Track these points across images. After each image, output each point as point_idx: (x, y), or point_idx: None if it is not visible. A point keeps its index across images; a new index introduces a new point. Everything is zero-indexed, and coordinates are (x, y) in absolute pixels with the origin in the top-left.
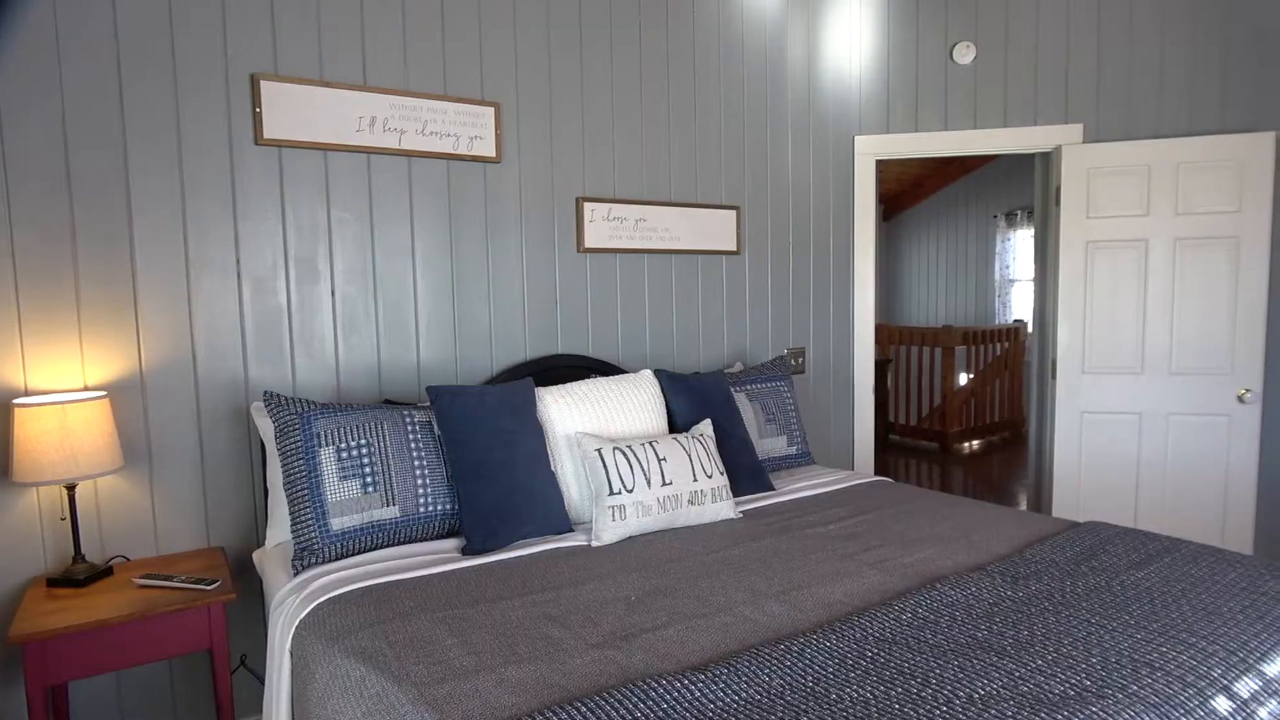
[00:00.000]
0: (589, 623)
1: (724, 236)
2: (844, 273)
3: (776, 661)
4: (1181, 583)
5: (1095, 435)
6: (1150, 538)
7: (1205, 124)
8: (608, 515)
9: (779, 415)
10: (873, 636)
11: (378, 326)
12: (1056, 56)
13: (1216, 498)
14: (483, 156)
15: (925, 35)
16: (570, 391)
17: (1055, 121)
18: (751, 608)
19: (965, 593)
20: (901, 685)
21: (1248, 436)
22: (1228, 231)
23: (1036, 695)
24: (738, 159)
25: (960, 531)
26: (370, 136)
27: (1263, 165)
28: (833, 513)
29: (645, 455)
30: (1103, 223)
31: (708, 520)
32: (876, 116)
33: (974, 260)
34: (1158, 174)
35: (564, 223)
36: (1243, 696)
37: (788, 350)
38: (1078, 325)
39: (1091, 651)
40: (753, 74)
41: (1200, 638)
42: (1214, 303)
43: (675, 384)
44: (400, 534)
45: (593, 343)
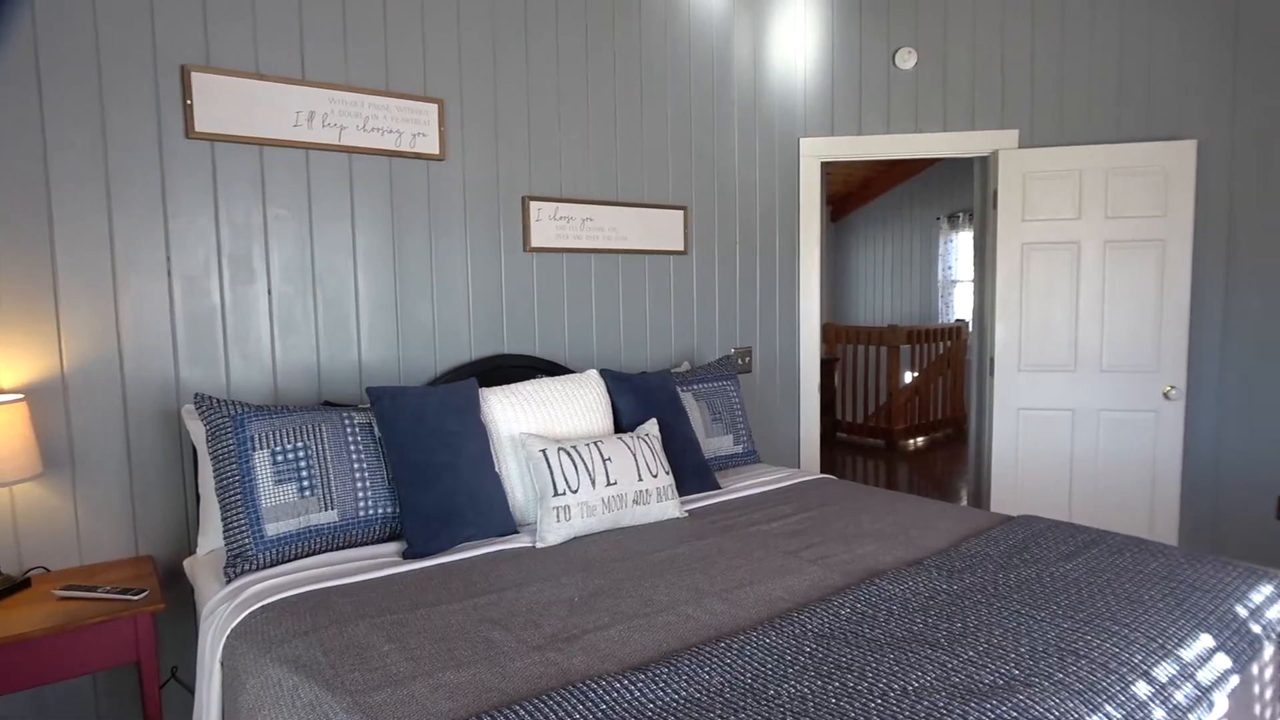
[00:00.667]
0: (531, 625)
1: (671, 236)
2: (790, 273)
3: (717, 659)
4: (1107, 573)
5: (1031, 431)
6: (1079, 530)
7: (1133, 131)
8: (552, 516)
9: (725, 414)
10: (812, 632)
11: (317, 326)
12: (993, 64)
13: (1144, 491)
14: (426, 154)
15: (868, 40)
16: (515, 392)
17: (992, 127)
18: (694, 606)
19: (902, 587)
20: (839, 679)
21: (1173, 432)
22: (1154, 235)
23: (967, 685)
24: (685, 159)
25: (900, 527)
26: (309, 132)
27: (1185, 172)
28: (777, 510)
29: (590, 455)
30: (1037, 225)
31: (653, 519)
32: (821, 119)
33: (918, 261)
34: (1089, 179)
35: (510, 222)
36: (1161, 681)
37: (735, 350)
38: (1014, 324)
39: (1021, 641)
40: (700, 75)
41: (1123, 625)
42: (1141, 303)
43: (621, 384)
44: (339, 538)
45: (539, 343)
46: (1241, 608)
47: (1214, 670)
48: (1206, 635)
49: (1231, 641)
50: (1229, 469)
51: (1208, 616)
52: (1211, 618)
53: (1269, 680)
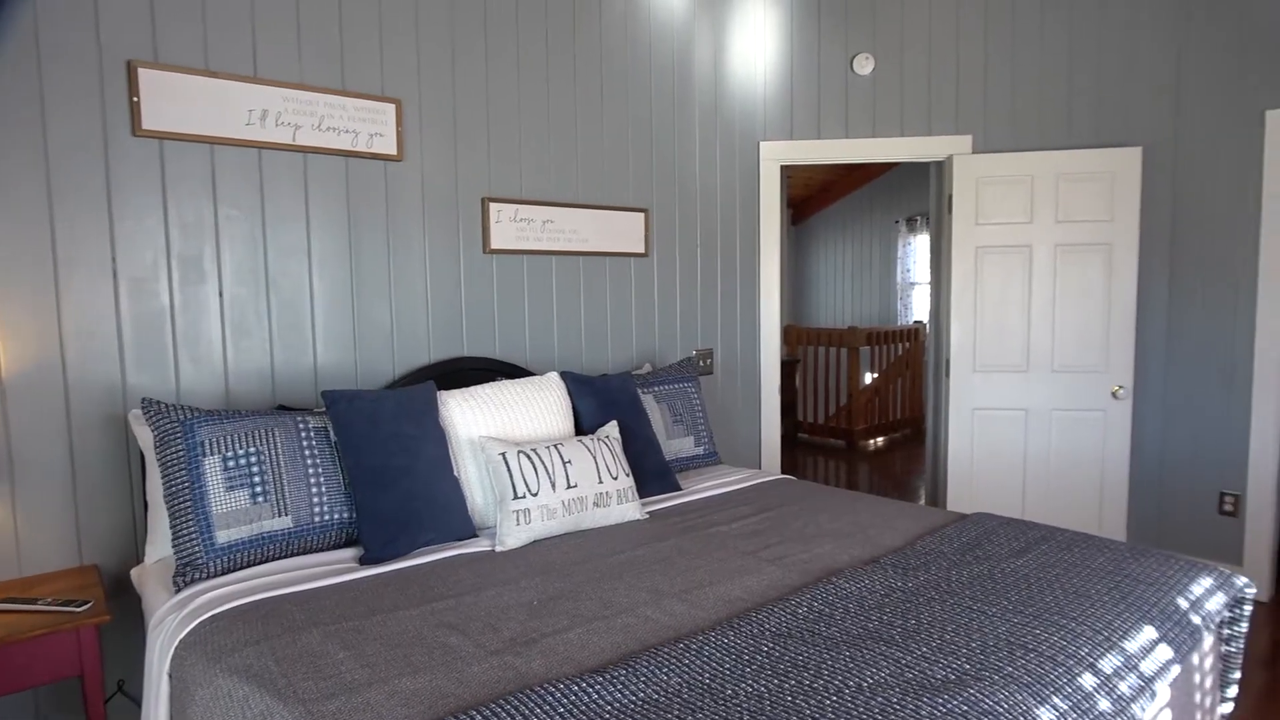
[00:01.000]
0: (489, 629)
1: (632, 238)
2: (750, 275)
3: (675, 660)
4: (1056, 568)
5: (986, 430)
6: (1030, 527)
7: (1082, 138)
8: (512, 519)
9: (686, 416)
10: (770, 631)
11: (270, 329)
12: (948, 71)
13: (1094, 487)
14: (383, 154)
15: (826, 46)
16: (474, 395)
17: (947, 132)
18: (653, 608)
19: (859, 585)
20: (795, 678)
21: (1121, 430)
22: (1102, 239)
23: (920, 681)
24: (646, 162)
25: (858, 526)
26: (261, 131)
27: (1131, 178)
28: (737, 511)
29: (550, 458)
30: (991, 229)
31: (614, 522)
32: (781, 123)
33: (878, 263)
34: (1040, 184)
35: (469, 223)
36: (1106, 672)
37: (696, 352)
38: (969, 326)
39: (972, 636)
40: (660, 78)
41: (1070, 619)
42: (1090, 305)
43: (582, 386)
44: (294, 545)
45: (500, 345)
46: (1183, 600)
47: (1156, 661)
48: (1150, 627)
49: (1173, 633)
50: (1173, 466)
51: (1151, 609)
52: (1154, 610)
53: (1208, 669)
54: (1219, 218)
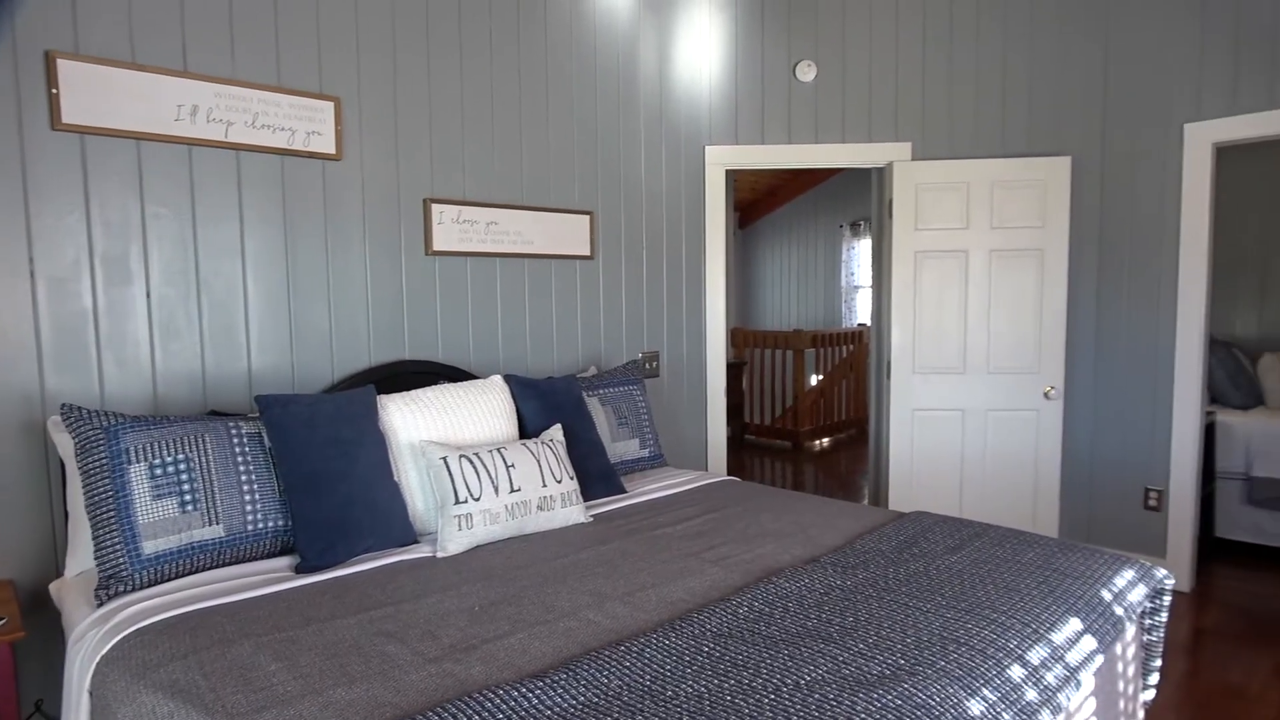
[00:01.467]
0: (428, 636)
1: (578, 241)
2: (696, 278)
3: (616, 663)
4: (988, 564)
5: (925, 431)
6: (964, 524)
7: (1015, 147)
8: (454, 525)
9: (631, 418)
10: (710, 632)
11: (202, 332)
12: (888, 80)
13: (1028, 485)
14: (321, 153)
15: (770, 52)
16: (415, 399)
17: (887, 139)
18: (596, 611)
19: (799, 584)
20: (735, 677)
21: (1053, 429)
22: (1034, 245)
23: (857, 677)
24: (591, 164)
25: (799, 526)
26: (192, 127)
27: (1061, 186)
28: (681, 513)
29: (493, 462)
30: (929, 234)
31: (558, 525)
32: (725, 127)
33: (823, 267)
34: (975, 191)
35: (411, 224)
36: (1034, 663)
37: (642, 354)
38: (908, 329)
39: (907, 632)
40: (606, 81)
41: (1001, 613)
42: (1023, 309)
43: (526, 389)
44: (226, 554)
45: (443, 348)
46: (1106, 592)
47: (1081, 651)
48: (1075, 619)
49: (1097, 624)
50: (1102, 463)
51: (1076, 601)
52: (1080, 602)
53: (1131, 658)
54: (1143, 225)
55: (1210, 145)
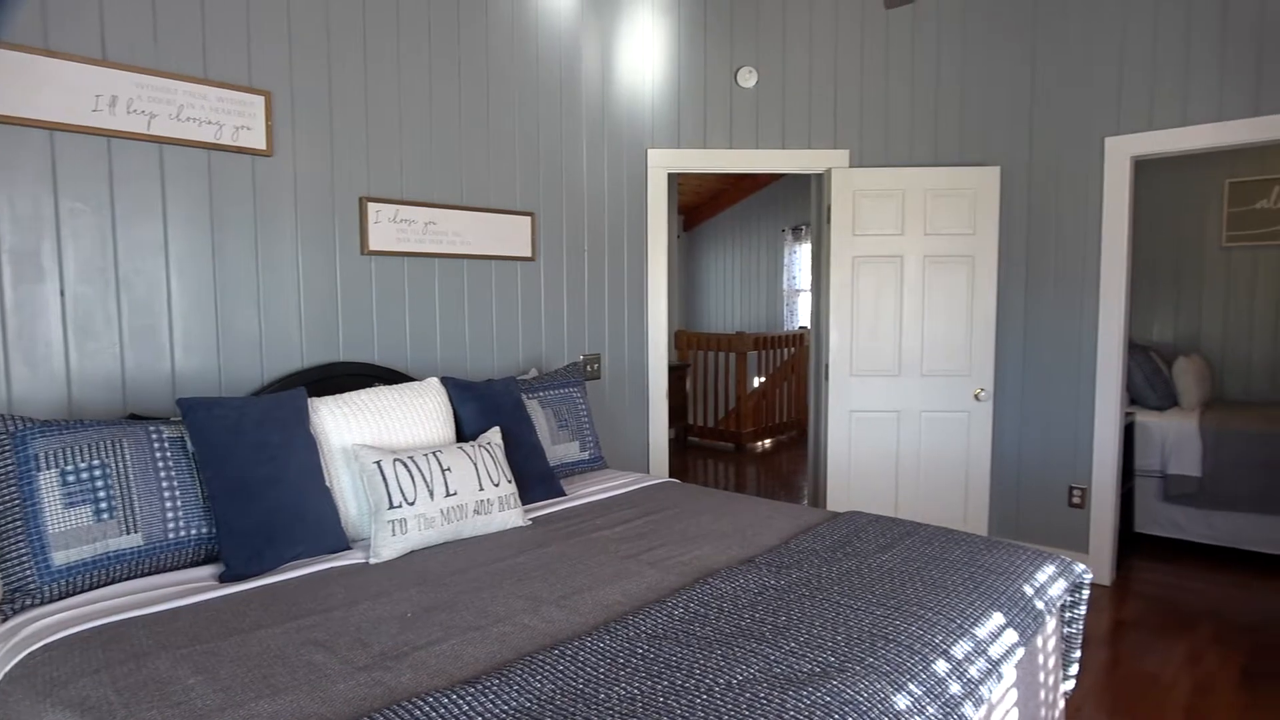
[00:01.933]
0: (358, 644)
1: (519, 242)
2: (639, 281)
3: (550, 667)
4: (918, 562)
5: (862, 432)
6: (896, 523)
7: (948, 156)
8: (387, 530)
9: (571, 421)
10: (645, 634)
11: (121, 332)
12: (826, 88)
13: (959, 484)
14: (251, 149)
15: (712, 57)
16: (348, 401)
17: (826, 146)
18: (531, 615)
19: (734, 585)
20: (668, 678)
21: (983, 430)
22: (965, 251)
23: (788, 675)
24: (533, 165)
25: (736, 527)
26: (111, 118)
27: (991, 194)
28: (620, 515)
29: (428, 466)
30: (866, 240)
31: (495, 529)
32: (668, 131)
33: (765, 270)
34: (910, 198)
35: (346, 223)
36: (958, 658)
37: (584, 356)
38: (846, 332)
39: (838, 630)
40: (548, 82)
41: (928, 609)
42: (955, 313)
43: (464, 392)
44: (145, 564)
45: (379, 350)
46: (1029, 587)
47: (1003, 645)
48: (999, 614)
49: (1019, 618)
50: (1029, 462)
51: (1000, 597)
52: (1003, 598)
53: (1051, 650)
54: (1066, 233)
55: (1129, 158)
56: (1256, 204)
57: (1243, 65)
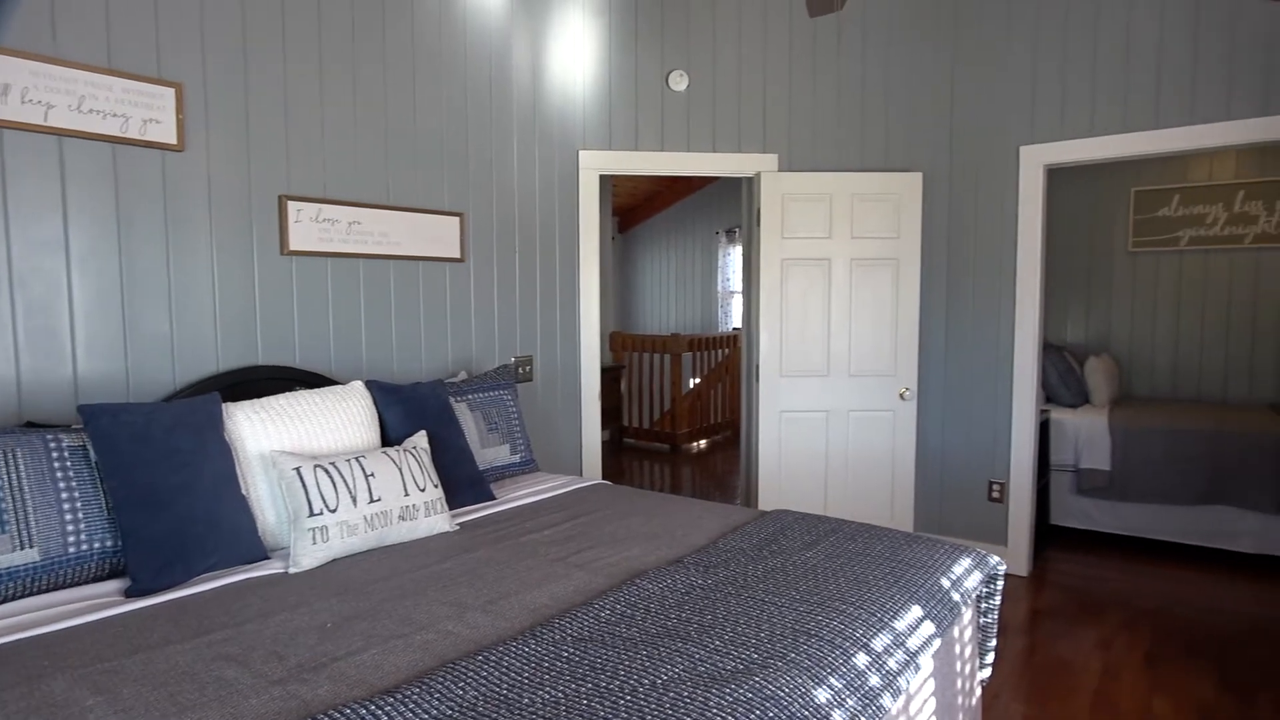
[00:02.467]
0: (274, 657)
1: (447, 243)
2: (571, 282)
3: (473, 673)
4: (841, 558)
5: (792, 432)
6: (821, 521)
7: (873, 162)
8: (307, 538)
9: (502, 424)
10: (571, 637)
11: (16, 335)
12: (756, 93)
13: (886, 481)
14: (160, 143)
15: (644, 60)
16: (266, 406)
17: (756, 150)
18: (456, 621)
19: (661, 585)
20: (592, 681)
21: (907, 428)
22: (890, 255)
23: (711, 674)
24: (461, 165)
25: (666, 528)
26: (4, 108)
27: (914, 200)
28: (550, 518)
29: (351, 472)
30: (795, 243)
31: (421, 535)
32: (600, 133)
33: (700, 272)
34: (838, 202)
35: (265, 222)
36: (878, 651)
37: (515, 359)
38: (776, 334)
39: (762, 627)
40: (477, 81)
41: (850, 604)
42: (881, 315)
43: (389, 395)
44: (42, 581)
45: (300, 353)
46: (946, 580)
47: (921, 636)
48: (917, 606)
49: (936, 610)
50: (951, 459)
51: (918, 590)
52: (922, 591)
53: (968, 640)
54: (985, 238)
55: (1042, 166)
56: (1159, 212)
57: (1144, 81)
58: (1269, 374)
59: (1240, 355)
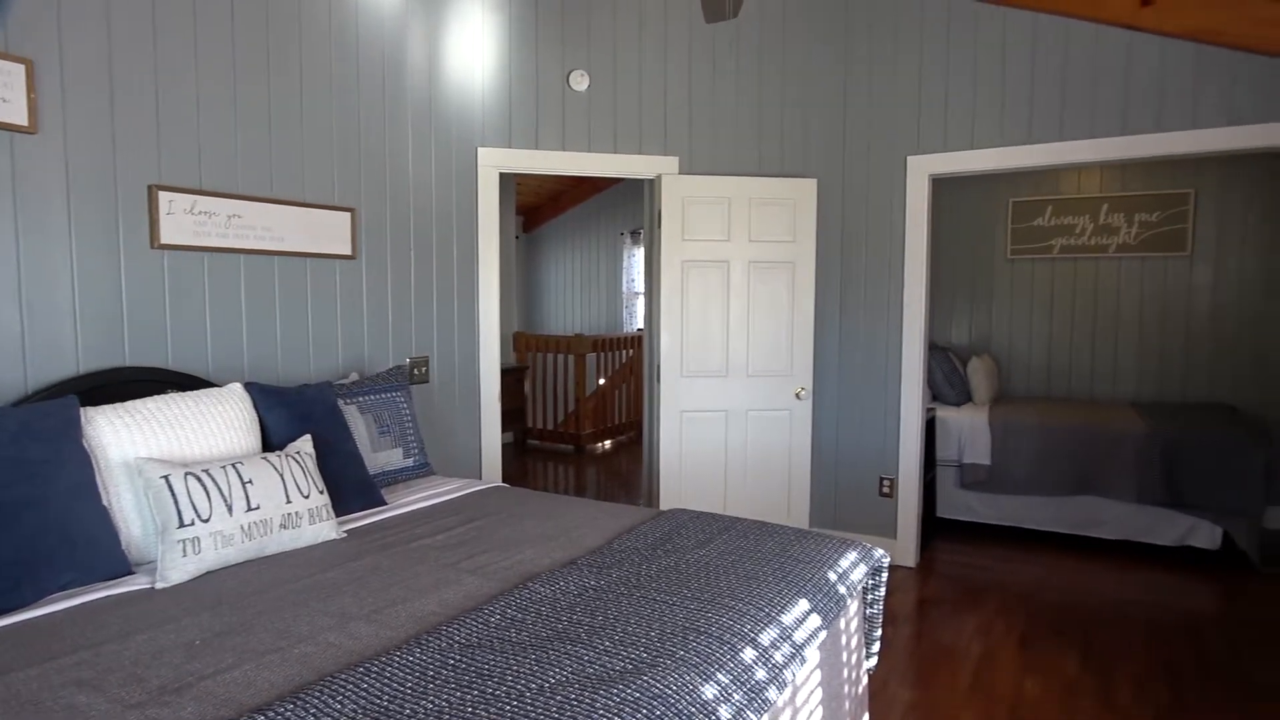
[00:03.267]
0: (133, 680)
1: (338, 239)
2: (470, 281)
3: (353, 686)
4: (733, 555)
5: (692, 432)
6: (715, 518)
7: (771, 167)
8: (177, 550)
9: (394, 426)
10: (458, 643)
11: None
12: (657, 95)
13: (783, 478)
14: (10, 124)
15: (544, 58)
16: (132, 410)
17: (656, 152)
18: (338, 633)
19: (554, 588)
20: (479, 687)
21: (803, 427)
22: (787, 258)
23: (600, 675)
24: (353, 159)
25: (562, 530)
26: None
27: (809, 204)
28: (444, 522)
29: (226, 479)
30: (695, 245)
31: (305, 544)
32: (499, 131)
33: (605, 272)
34: (736, 206)
35: (133, 213)
36: (765, 645)
37: (410, 359)
38: (676, 334)
39: (652, 626)
40: (369, 72)
41: (739, 600)
42: (778, 316)
43: (271, 398)
44: None
45: (173, 354)
46: (832, 573)
47: (807, 629)
48: (804, 600)
49: (823, 603)
50: (845, 457)
51: (806, 584)
52: (809, 585)
53: (854, 631)
54: (875, 243)
55: (928, 176)
56: (1034, 221)
57: (1019, 99)
58: (1130, 374)
59: (1105, 356)
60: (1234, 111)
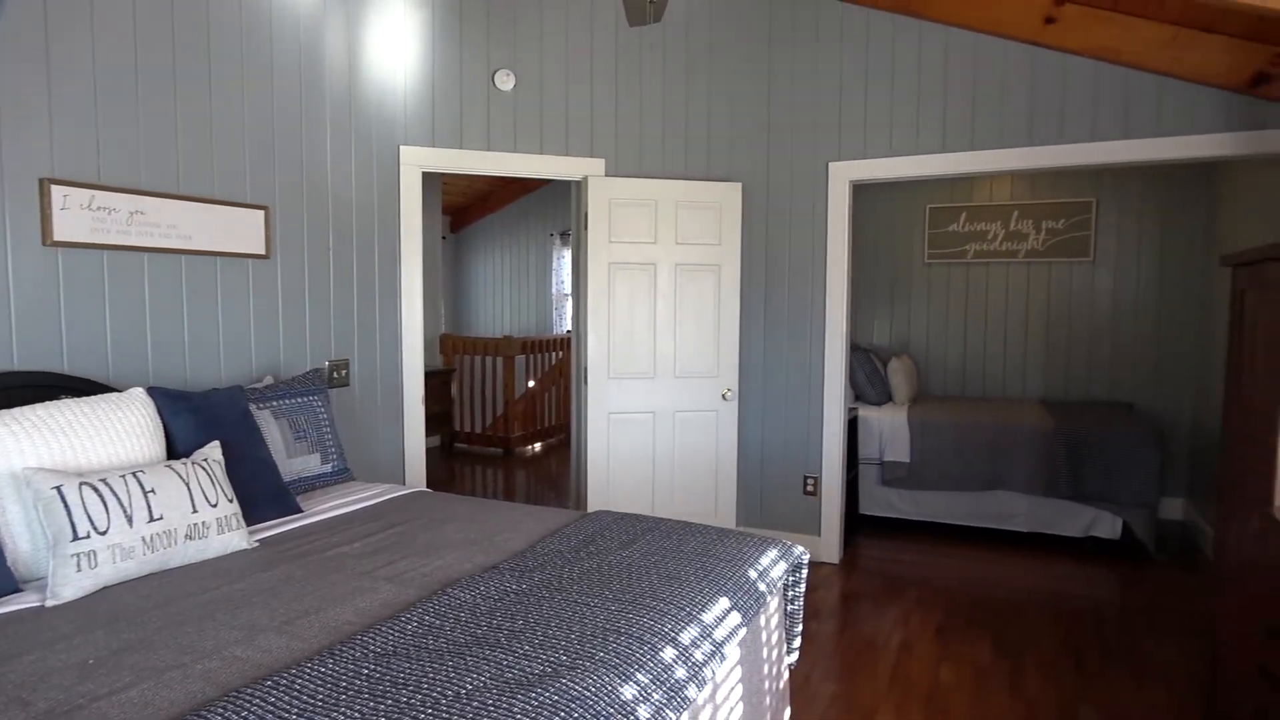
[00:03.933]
0: (16, 704)
1: (250, 238)
2: (392, 282)
3: (259, 700)
4: (656, 555)
5: (620, 433)
6: (638, 519)
7: (697, 171)
8: (71, 565)
9: (311, 431)
10: (373, 653)
11: None
12: (583, 96)
13: (710, 478)
14: None
15: (469, 56)
16: (19, 417)
17: (583, 154)
18: (246, 646)
19: (474, 593)
20: (393, 697)
21: (729, 428)
22: (712, 260)
23: (519, 678)
24: (267, 154)
25: (485, 534)
26: None
27: (734, 208)
28: (361, 529)
29: (126, 489)
30: (622, 247)
31: (213, 555)
32: (422, 129)
33: (534, 274)
34: (663, 208)
35: (22, 208)
36: (685, 643)
37: (330, 362)
38: (604, 336)
39: (573, 629)
40: (284, 64)
41: (660, 600)
42: (704, 318)
43: (176, 403)
44: None
45: (69, 357)
46: (752, 571)
47: (727, 627)
48: (724, 598)
49: (743, 600)
50: (770, 456)
51: (726, 583)
52: (729, 583)
53: (774, 627)
54: (798, 246)
55: (848, 182)
56: (949, 227)
57: (933, 109)
58: (1038, 373)
59: (1015, 356)
60: (1129, 125)
